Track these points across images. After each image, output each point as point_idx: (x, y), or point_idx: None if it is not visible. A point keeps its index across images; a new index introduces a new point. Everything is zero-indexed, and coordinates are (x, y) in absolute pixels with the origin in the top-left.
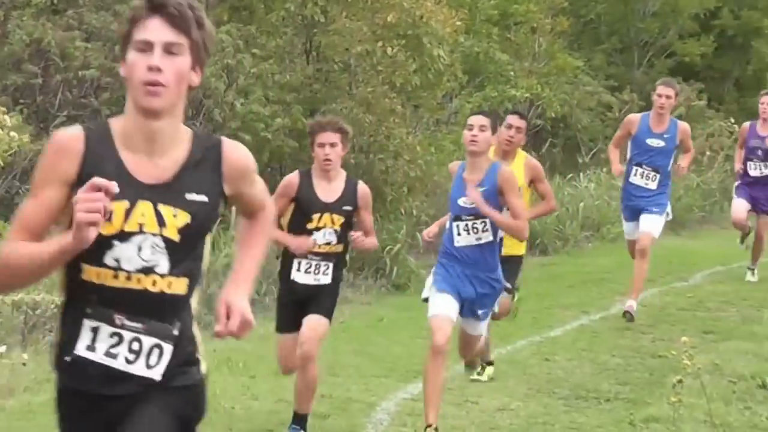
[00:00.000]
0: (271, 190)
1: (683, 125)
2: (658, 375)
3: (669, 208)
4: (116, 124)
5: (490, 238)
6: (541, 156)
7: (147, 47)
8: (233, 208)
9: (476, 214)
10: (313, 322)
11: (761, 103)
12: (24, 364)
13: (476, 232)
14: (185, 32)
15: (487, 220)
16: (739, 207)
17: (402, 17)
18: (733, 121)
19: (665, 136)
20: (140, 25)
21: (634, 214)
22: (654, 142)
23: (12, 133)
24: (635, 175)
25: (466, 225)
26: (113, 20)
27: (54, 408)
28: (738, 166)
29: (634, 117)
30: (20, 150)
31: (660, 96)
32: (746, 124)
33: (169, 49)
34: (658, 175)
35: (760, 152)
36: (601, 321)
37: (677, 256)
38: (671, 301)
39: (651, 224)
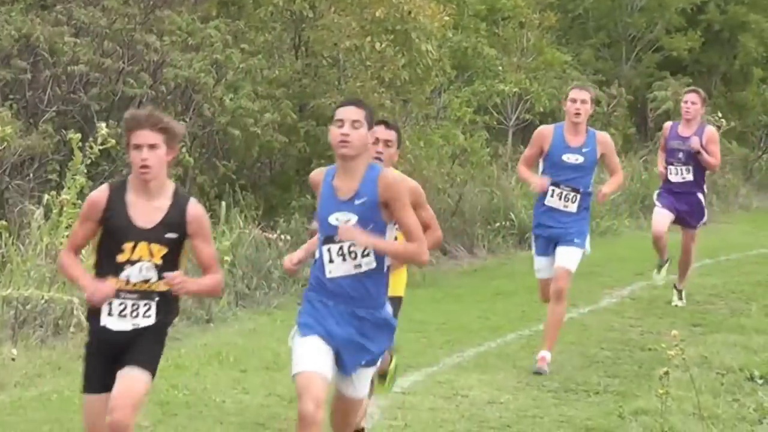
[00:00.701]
0: (273, 187)
1: (602, 136)
2: (646, 368)
3: (588, 241)
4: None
5: (373, 265)
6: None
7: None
8: (222, 203)
9: None
10: (127, 381)
11: (684, 101)
12: (13, 359)
13: (354, 258)
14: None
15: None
16: (661, 219)
17: (390, 12)
18: (720, 115)
19: (584, 150)
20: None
21: (547, 246)
22: (571, 158)
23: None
24: (551, 196)
25: (341, 249)
26: (102, 15)
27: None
28: (660, 168)
29: (546, 130)
30: (9, 145)
31: (574, 101)
32: (668, 124)
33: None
34: (578, 196)
35: (681, 155)
36: (590, 314)
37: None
38: (660, 294)
39: (570, 258)
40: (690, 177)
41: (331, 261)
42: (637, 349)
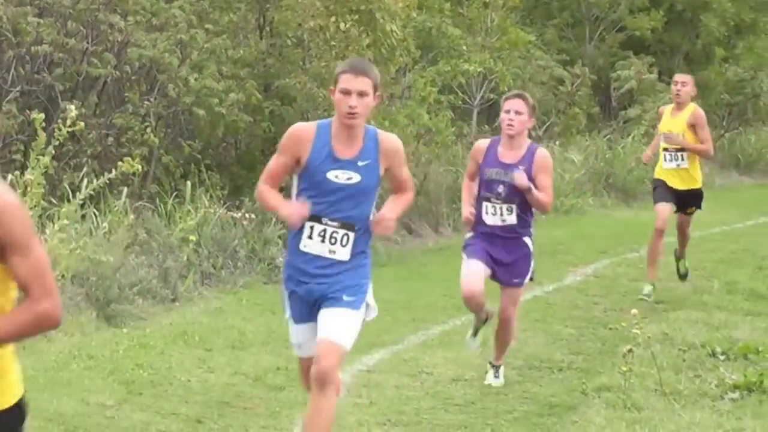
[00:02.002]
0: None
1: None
2: (610, 345)
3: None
4: None
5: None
6: (495, 129)
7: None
8: (188, 183)
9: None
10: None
11: (504, 110)
12: None
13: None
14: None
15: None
16: (472, 276)
17: None
18: None
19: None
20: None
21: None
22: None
23: None
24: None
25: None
26: None
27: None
28: (467, 210)
29: (482, 144)
30: None
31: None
32: (482, 144)
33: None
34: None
35: (501, 189)
36: (554, 292)
37: (629, 228)
38: (623, 272)
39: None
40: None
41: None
42: (601, 326)
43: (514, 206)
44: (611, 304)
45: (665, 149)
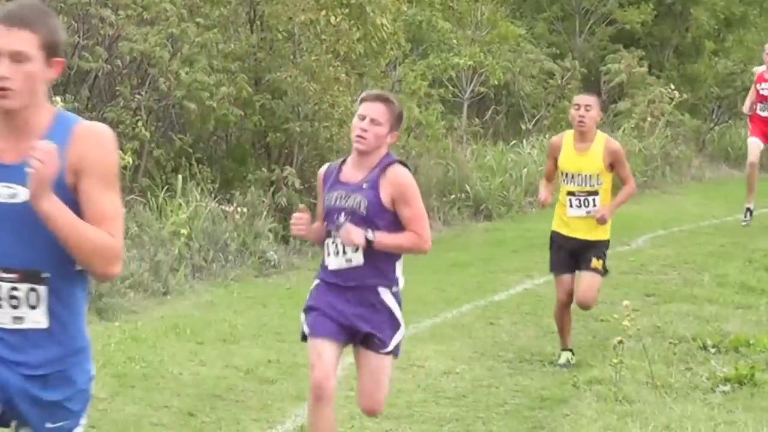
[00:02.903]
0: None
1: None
2: (600, 338)
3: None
4: None
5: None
6: (485, 123)
7: None
8: (179, 176)
9: None
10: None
11: (359, 116)
12: None
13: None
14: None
15: None
16: (322, 365)
17: None
18: (673, 87)
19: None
20: None
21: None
22: None
23: None
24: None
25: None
26: None
27: None
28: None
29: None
30: None
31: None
32: (328, 167)
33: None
34: None
35: (344, 217)
36: (545, 285)
37: (619, 221)
38: (614, 265)
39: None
40: None
41: None
42: (591, 319)
43: None
44: (602, 297)
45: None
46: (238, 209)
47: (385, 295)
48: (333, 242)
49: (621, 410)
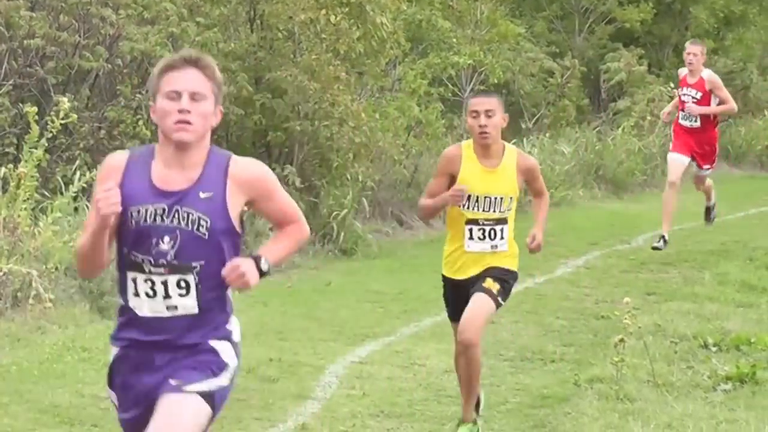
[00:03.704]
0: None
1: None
2: (601, 336)
3: None
4: None
5: None
6: None
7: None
8: None
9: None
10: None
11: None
12: None
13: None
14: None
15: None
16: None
17: None
18: (672, 86)
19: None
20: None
21: None
22: None
23: None
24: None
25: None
26: None
27: None
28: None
29: None
30: None
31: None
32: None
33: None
34: None
35: (166, 243)
36: (546, 284)
37: (619, 220)
38: (614, 264)
39: None
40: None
41: None
42: (592, 317)
43: (191, 277)
44: (603, 296)
45: None
46: None
47: None
48: (149, 280)
49: (622, 408)
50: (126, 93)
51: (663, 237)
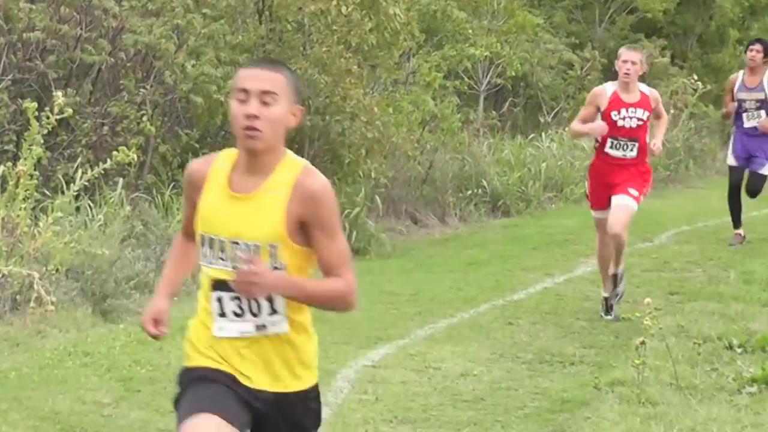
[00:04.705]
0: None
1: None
2: (623, 338)
3: None
4: None
5: None
6: (502, 115)
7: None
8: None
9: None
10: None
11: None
12: None
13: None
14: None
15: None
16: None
17: None
18: (696, 77)
19: None
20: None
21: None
22: None
23: None
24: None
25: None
26: None
27: None
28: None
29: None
30: None
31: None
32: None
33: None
34: None
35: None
36: (565, 283)
37: (642, 217)
38: (636, 263)
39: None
40: None
41: None
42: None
43: None
44: (624, 296)
45: None
46: None
47: None
48: None
49: (644, 412)
50: (129, 88)
51: (607, 299)
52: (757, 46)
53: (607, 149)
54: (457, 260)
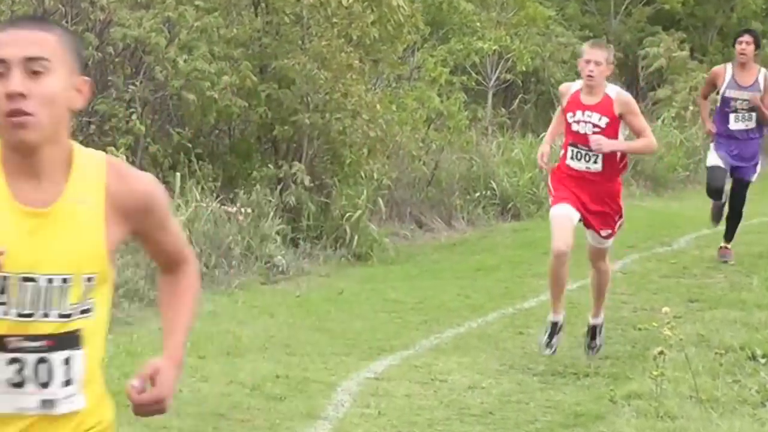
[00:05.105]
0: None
1: None
2: (640, 348)
3: None
4: None
5: None
6: (512, 113)
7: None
8: (177, 174)
9: None
10: None
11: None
12: None
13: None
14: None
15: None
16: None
17: None
18: None
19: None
20: None
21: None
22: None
23: None
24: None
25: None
26: None
27: None
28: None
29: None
30: None
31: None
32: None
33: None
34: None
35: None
36: (578, 290)
37: (659, 220)
38: (653, 268)
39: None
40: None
41: None
42: (630, 327)
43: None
44: (641, 303)
45: None
46: (243, 210)
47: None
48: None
49: (663, 427)
50: (118, 84)
51: (554, 324)
52: (747, 38)
53: (569, 160)
54: (464, 266)
